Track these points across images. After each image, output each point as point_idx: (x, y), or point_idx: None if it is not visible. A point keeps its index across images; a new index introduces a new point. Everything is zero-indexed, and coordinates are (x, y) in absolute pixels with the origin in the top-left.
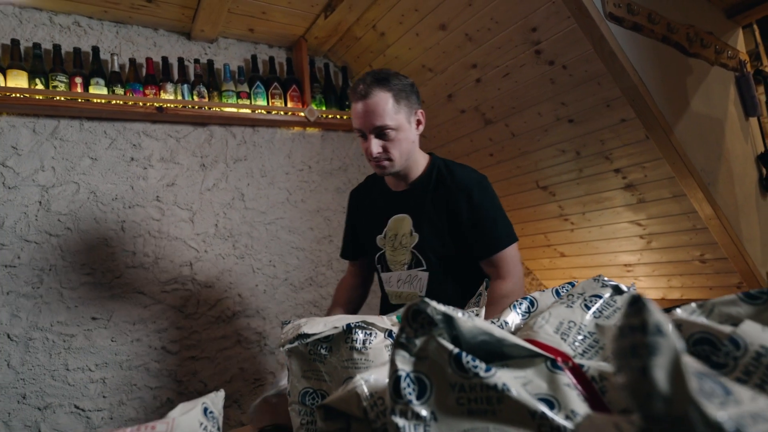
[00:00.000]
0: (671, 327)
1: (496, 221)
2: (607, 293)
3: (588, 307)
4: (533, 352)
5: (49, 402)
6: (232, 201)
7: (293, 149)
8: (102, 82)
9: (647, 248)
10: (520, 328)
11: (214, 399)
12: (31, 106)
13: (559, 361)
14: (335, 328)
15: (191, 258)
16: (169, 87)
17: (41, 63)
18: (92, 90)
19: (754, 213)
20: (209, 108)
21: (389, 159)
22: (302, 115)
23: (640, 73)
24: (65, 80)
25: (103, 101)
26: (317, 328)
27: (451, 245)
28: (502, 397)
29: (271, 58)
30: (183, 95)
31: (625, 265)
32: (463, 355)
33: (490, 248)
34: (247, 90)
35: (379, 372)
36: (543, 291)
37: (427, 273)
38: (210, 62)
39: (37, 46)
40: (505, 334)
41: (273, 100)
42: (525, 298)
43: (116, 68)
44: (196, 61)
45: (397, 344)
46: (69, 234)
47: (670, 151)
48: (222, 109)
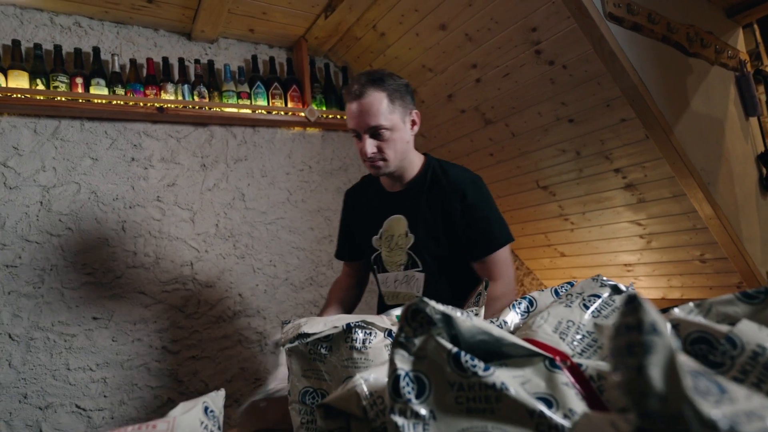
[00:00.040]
0: (667, 326)
1: (490, 221)
2: (606, 293)
3: (587, 307)
4: (532, 351)
5: (51, 401)
6: (232, 201)
7: (294, 149)
8: (103, 82)
9: (647, 248)
10: (519, 327)
11: (215, 398)
12: (32, 106)
13: (558, 361)
14: (335, 327)
15: (192, 258)
16: (170, 87)
17: (42, 63)
18: (93, 90)
19: (754, 213)
20: (210, 108)
21: (384, 159)
22: (302, 115)
23: (640, 73)
24: (66, 81)
25: (104, 101)
26: (317, 327)
27: (446, 246)
28: (501, 396)
29: (272, 59)
30: (183, 95)
31: (626, 264)
32: (462, 354)
33: (486, 248)
34: (248, 90)
35: (378, 371)
36: (542, 290)
37: (423, 274)
38: (210, 62)
39: (38, 46)
40: (504, 334)
41: (273, 101)
42: (524, 297)
43: (117, 69)
44: (197, 61)
45: (396, 343)
46: (70, 234)
47: (670, 151)
48: (222, 109)
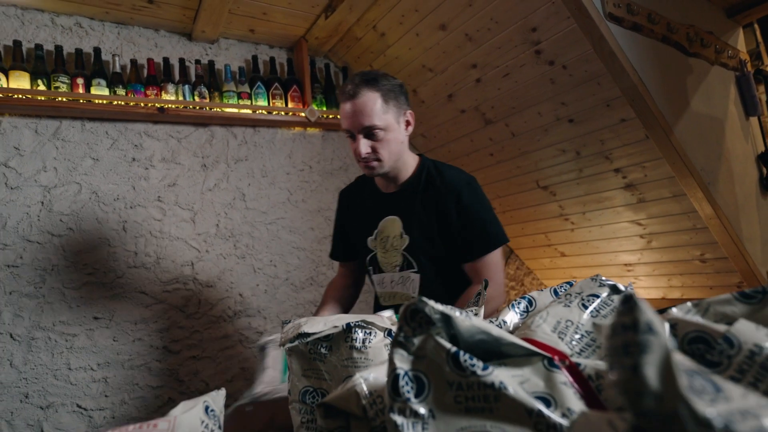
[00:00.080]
0: (663, 325)
1: (486, 222)
2: (605, 292)
3: (585, 307)
4: (530, 350)
5: (52, 401)
6: (233, 201)
7: (294, 149)
8: (103, 82)
9: (647, 248)
10: (518, 327)
11: (216, 397)
12: (33, 106)
13: (556, 360)
14: (335, 327)
15: (192, 258)
16: (171, 87)
17: (43, 64)
18: (94, 91)
19: (754, 212)
20: (210, 108)
21: (378, 159)
22: (303, 115)
23: (639, 73)
24: (67, 81)
25: (105, 102)
26: (317, 327)
27: (441, 247)
28: (499, 395)
29: (272, 59)
30: (184, 96)
31: (626, 264)
32: (461, 353)
33: (482, 249)
34: (248, 90)
35: (378, 370)
36: (541, 290)
37: (418, 275)
38: (211, 63)
39: (39, 47)
40: (503, 333)
41: (274, 101)
42: (523, 297)
43: (118, 69)
44: (197, 61)
45: (395, 343)
46: (71, 234)
47: (670, 151)
48: (223, 109)
